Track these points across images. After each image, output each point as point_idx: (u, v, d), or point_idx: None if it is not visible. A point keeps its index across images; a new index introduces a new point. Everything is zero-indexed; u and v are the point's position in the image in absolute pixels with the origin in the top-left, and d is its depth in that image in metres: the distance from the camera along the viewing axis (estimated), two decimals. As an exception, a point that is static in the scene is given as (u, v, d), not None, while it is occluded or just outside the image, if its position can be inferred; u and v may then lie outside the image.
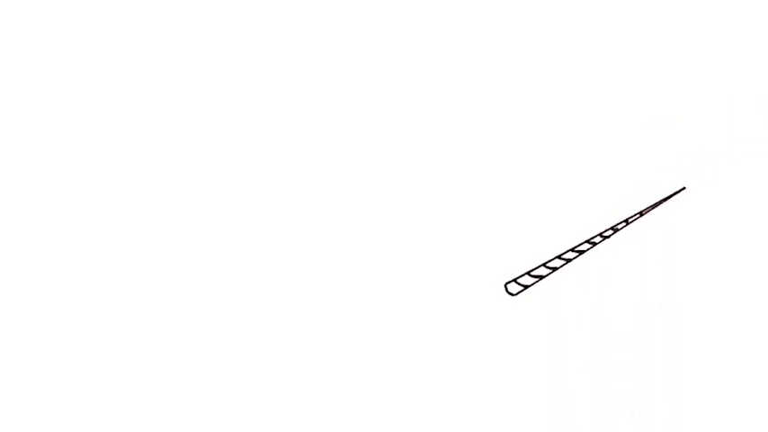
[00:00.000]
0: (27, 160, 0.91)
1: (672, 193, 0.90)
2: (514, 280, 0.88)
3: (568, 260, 0.90)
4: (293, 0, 0.94)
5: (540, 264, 0.89)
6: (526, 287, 0.95)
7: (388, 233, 0.90)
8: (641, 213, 0.92)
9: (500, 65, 0.93)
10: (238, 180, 0.91)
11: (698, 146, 0.90)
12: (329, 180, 0.91)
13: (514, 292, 0.89)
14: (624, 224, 0.91)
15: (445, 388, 0.87)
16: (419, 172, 0.91)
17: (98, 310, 0.89)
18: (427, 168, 0.91)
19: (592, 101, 0.92)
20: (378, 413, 0.87)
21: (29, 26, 0.94)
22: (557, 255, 0.88)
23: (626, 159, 0.90)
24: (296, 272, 0.89)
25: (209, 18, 0.94)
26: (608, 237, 0.91)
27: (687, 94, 0.92)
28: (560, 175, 0.90)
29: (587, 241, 0.91)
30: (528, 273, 0.87)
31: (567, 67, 0.93)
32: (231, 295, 0.89)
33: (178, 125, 0.92)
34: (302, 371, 0.88)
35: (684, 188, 0.90)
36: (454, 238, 0.89)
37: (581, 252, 0.90)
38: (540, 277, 0.88)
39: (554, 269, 0.89)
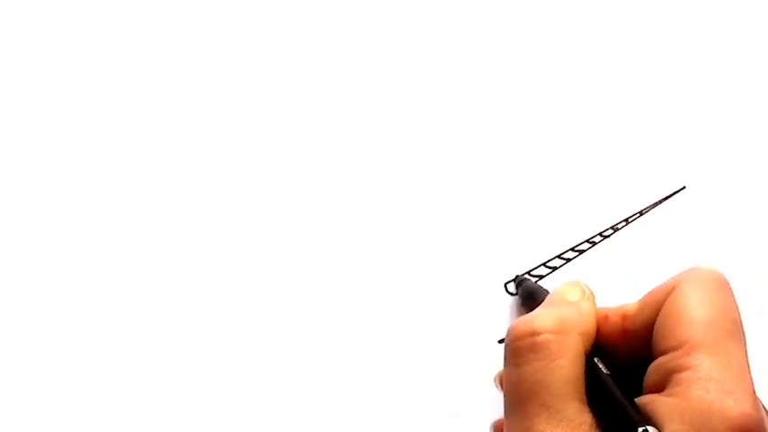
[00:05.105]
0: (27, 160, 0.92)
1: (672, 192, 0.90)
2: (514, 280, 0.87)
3: (568, 260, 0.91)
4: (293, 1, 0.95)
5: (540, 263, 0.89)
6: (526, 287, 0.95)
7: (386, 233, 0.90)
8: (641, 213, 0.92)
9: (500, 65, 0.94)
10: (238, 180, 0.91)
11: (698, 146, 0.91)
12: (328, 180, 0.91)
13: (515, 292, 0.89)
14: (624, 224, 0.91)
15: (444, 388, 0.87)
16: (418, 172, 0.91)
17: (98, 309, 0.89)
18: (426, 168, 0.91)
19: (591, 100, 0.92)
20: (374, 414, 0.87)
21: (28, 25, 0.94)
22: (557, 254, 0.88)
23: (626, 159, 0.90)
24: (293, 272, 0.89)
25: (209, 18, 0.95)
26: (608, 236, 0.91)
27: (687, 94, 0.92)
28: (560, 175, 0.90)
29: (587, 241, 0.91)
30: (528, 272, 0.87)
31: (566, 67, 0.93)
32: (232, 296, 0.89)
33: (177, 124, 0.92)
34: (298, 373, 0.88)
35: (684, 188, 0.90)
36: (453, 238, 0.89)
37: (581, 252, 0.90)
38: (540, 277, 0.88)
39: (554, 269, 0.89)
